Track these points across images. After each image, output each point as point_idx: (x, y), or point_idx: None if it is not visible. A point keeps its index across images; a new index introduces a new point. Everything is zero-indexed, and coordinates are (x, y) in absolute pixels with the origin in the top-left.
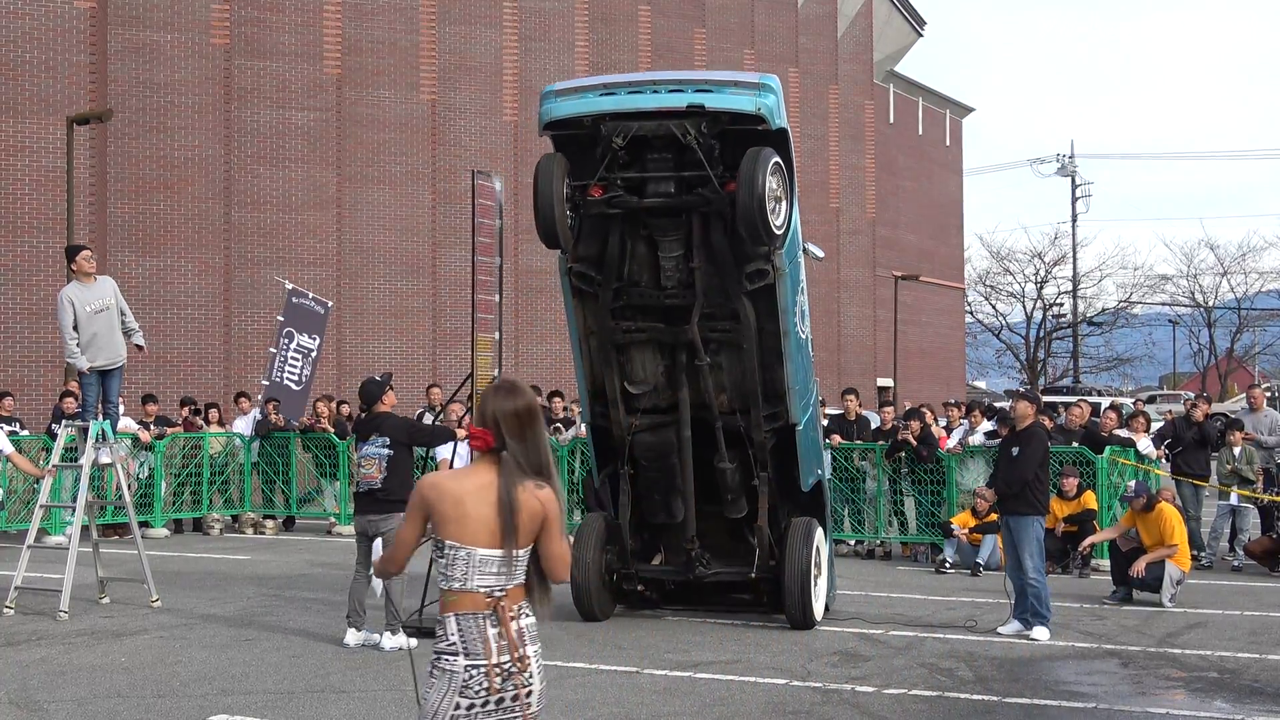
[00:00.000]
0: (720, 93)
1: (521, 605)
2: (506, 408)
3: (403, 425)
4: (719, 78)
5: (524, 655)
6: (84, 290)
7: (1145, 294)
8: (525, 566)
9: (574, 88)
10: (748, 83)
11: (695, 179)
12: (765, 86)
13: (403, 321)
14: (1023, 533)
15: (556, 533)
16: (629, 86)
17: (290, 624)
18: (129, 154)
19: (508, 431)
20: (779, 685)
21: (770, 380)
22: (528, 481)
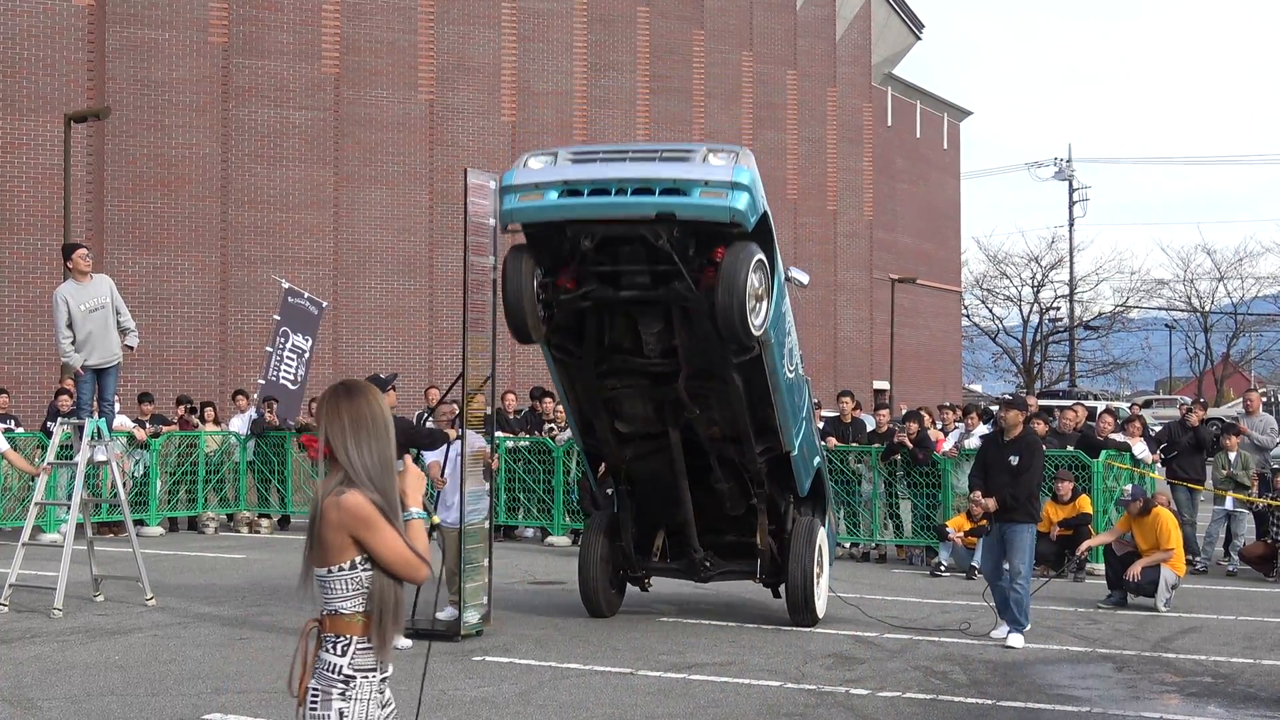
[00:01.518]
0: (691, 195)
1: (329, 637)
2: (334, 414)
3: (399, 427)
4: (688, 174)
5: (305, 687)
6: (79, 289)
7: (1142, 298)
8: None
9: (534, 183)
10: (720, 181)
11: (672, 272)
12: (737, 184)
13: (399, 321)
14: (1019, 540)
15: (377, 538)
16: (592, 184)
17: (285, 623)
18: (126, 152)
19: (338, 439)
20: (773, 687)
21: (761, 419)
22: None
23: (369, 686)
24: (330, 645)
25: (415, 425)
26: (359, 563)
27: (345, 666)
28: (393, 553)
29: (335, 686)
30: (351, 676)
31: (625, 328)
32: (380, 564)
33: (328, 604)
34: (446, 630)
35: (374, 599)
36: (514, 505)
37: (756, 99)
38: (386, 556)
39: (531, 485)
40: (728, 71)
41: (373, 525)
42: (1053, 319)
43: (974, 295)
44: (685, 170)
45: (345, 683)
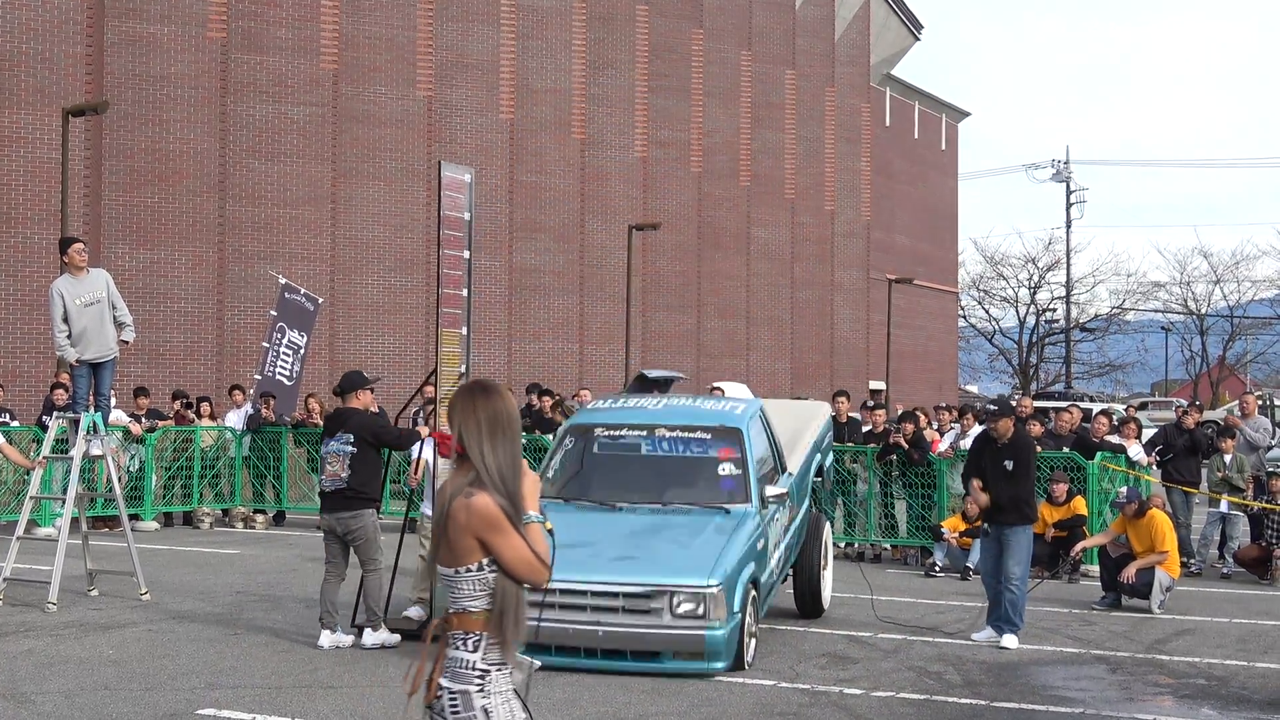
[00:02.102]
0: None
1: (458, 634)
2: (469, 414)
3: (369, 424)
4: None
5: (437, 685)
6: (75, 283)
7: (1138, 300)
8: (477, 590)
9: None
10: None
11: None
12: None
13: (396, 318)
14: (1015, 541)
15: (503, 541)
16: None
17: (279, 619)
18: (124, 146)
19: (472, 438)
20: (767, 686)
21: None
22: (471, 489)
23: (504, 680)
24: (461, 642)
25: (387, 424)
26: (486, 564)
27: (479, 662)
28: (517, 557)
29: (472, 683)
30: (486, 671)
31: None
32: (503, 567)
33: (455, 602)
34: (418, 628)
35: (496, 598)
36: None
37: (755, 98)
38: (510, 560)
39: None
40: (726, 71)
41: (499, 529)
42: (1049, 320)
43: (971, 296)
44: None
45: (481, 677)
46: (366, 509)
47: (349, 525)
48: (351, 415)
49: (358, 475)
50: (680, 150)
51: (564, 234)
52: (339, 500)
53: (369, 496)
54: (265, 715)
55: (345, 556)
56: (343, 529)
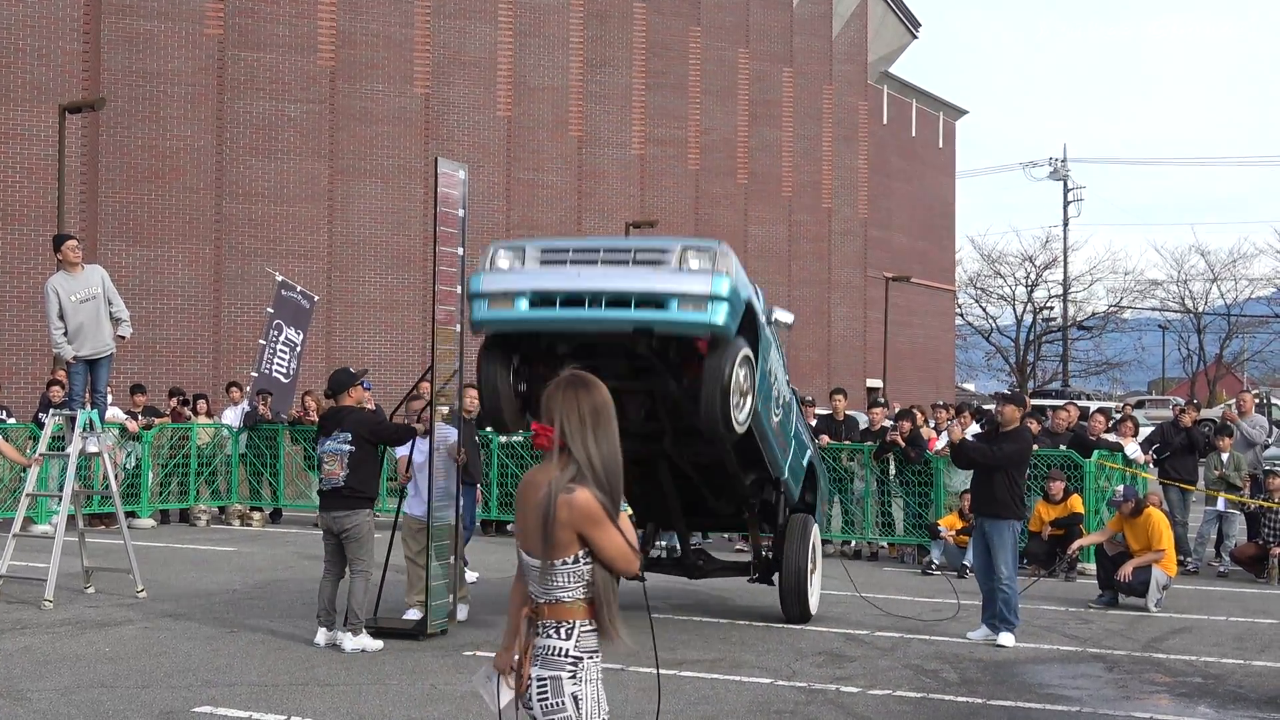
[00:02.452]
0: (668, 308)
1: (550, 623)
2: (571, 406)
3: (366, 421)
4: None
5: (527, 674)
6: (70, 280)
7: (1135, 299)
8: (571, 581)
9: (503, 291)
10: (697, 294)
11: (651, 366)
12: (715, 297)
13: (393, 315)
14: (999, 537)
15: (603, 536)
16: (564, 295)
17: (275, 616)
18: (121, 143)
19: (573, 431)
20: (764, 684)
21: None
22: (572, 484)
23: (595, 668)
24: (553, 630)
25: (384, 421)
26: (582, 557)
27: (572, 649)
28: (615, 549)
29: (564, 670)
30: (579, 658)
31: None
32: (601, 559)
33: (548, 592)
34: (413, 629)
35: (596, 587)
36: (506, 500)
37: (752, 96)
38: (609, 553)
39: None
40: (723, 68)
41: (600, 523)
42: (1046, 319)
43: (968, 294)
44: (661, 280)
45: (574, 664)
46: (363, 508)
47: (344, 524)
48: (348, 413)
49: (356, 474)
50: (678, 148)
51: (561, 231)
52: (336, 499)
53: (366, 496)
54: (261, 713)
55: (343, 555)
56: (338, 528)
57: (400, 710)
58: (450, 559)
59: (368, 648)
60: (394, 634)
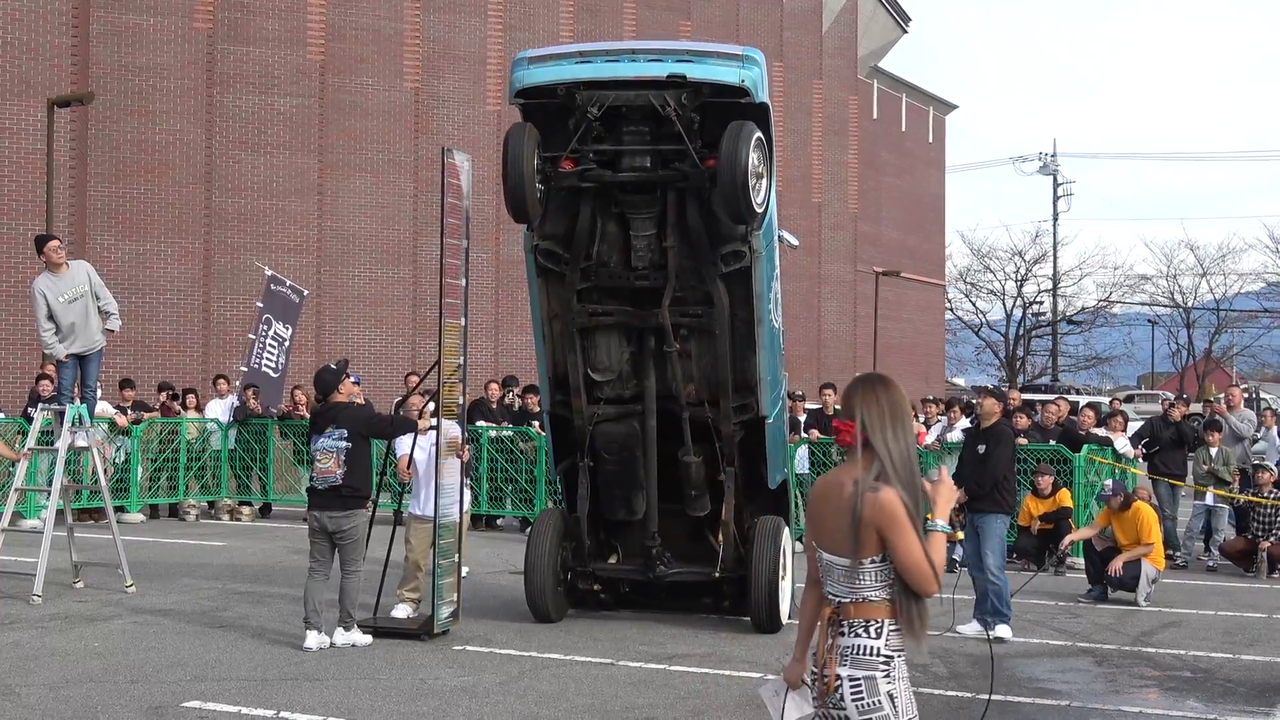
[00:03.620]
0: (703, 63)
1: (858, 622)
2: (873, 403)
3: (361, 416)
4: (701, 48)
5: (834, 675)
6: (56, 280)
7: (1125, 294)
8: (878, 581)
9: (548, 55)
10: (731, 54)
11: (672, 154)
12: (749, 59)
13: (383, 310)
14: (988, 531)
15: (901, 541)
16: (606, 55)
17: (264, 611)
18: (110, 138)
19: (876, 428)
20: (753, 679)
21: (741, 370)
22: (877, 483)
23: (904, 666)
24: (862, 630)
25: (379, 414)
26: (889, 556)
27: (883, 648)
28: (911, 559)
29: (878, 669)
30: (890, 657)
31: (616, 238)
32: (896, 564)
33: (855, 592)
34: (418, 629)
35: (899, 586)
36: (496, 495)
37: None
38: (904, 561)
39: (514, 475)
40: None
41: (900, 526)
42: (1036, 313)
43: (958, 289)
44: (698, 46)
45: (886, 663)
46: (361, 509)
47: (341, 525)
48: (341, 409)
49: (353, 472)
50: None
51: None
52: (333, 498)
53: (364, 495)
54: (250, 708)
55: (332, 555)
56: (334, 527)
57: (390, 705)
58: (455, 557)
59: (358, 643)
60: (397, 635)
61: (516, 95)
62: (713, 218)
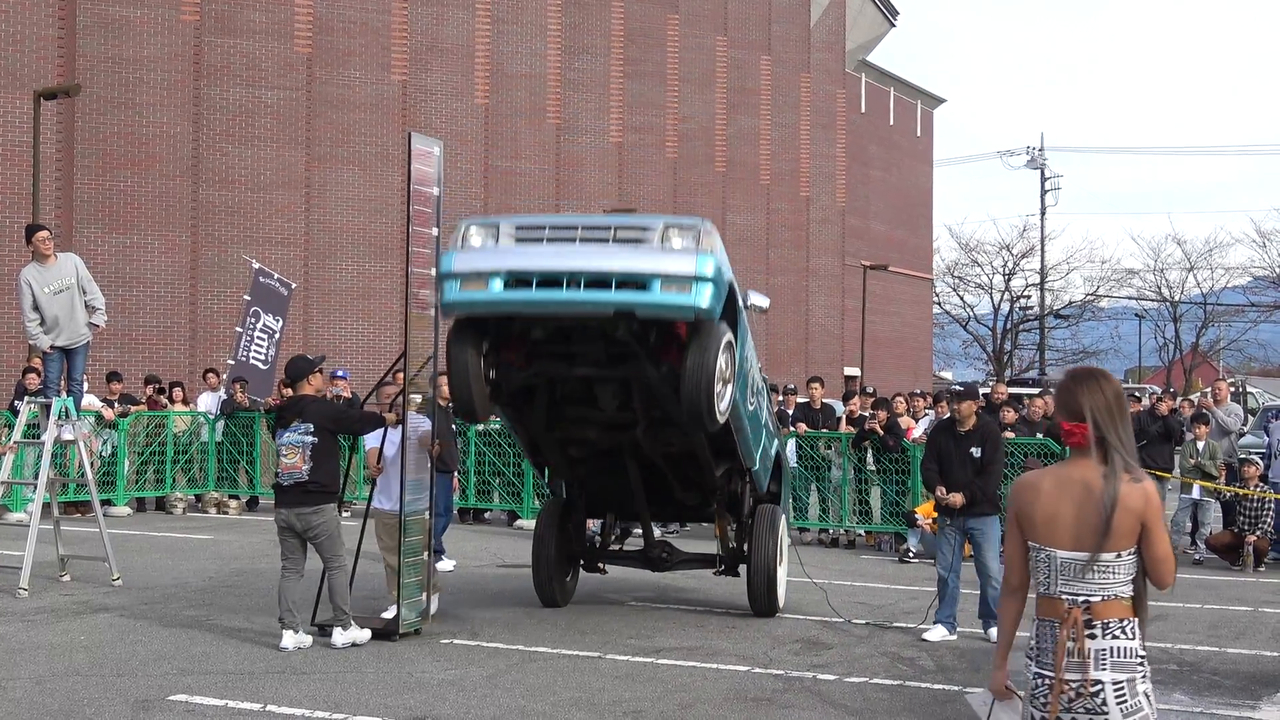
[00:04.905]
0: (651, 289)
1: (1112, 622)
2: (1099, 398)
3: (328, 411)
4: (647, 266)
5: (1095, 680)
6: (43, 271)
7: (1112, 287)
8: (1128, 575)
9: (476, 271)
10: (681, 275)
11: (628, 351)
12: (700, 278)
13: (370, 303)
14: (989, 534)
15: (1159, 531)
16: (541, 275)
17: (252, 605)
18: (96, 130)
19: (1107, 424)
20: (741, 672)
21: (722, 448)
22: (1126, 476)
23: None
24: (1119, 630)
25: (347, 408)
26: (1134, 550)
27: (1138, 648)
28: (1165, 548)
29: (1137, 670)
30: (1144, 656)
31: (579, 387)
32: (1149, 554)
33: (1104, 589)
34: (384, 627)
35: (1138, 581)
36: (484, 488)
37: (730, 84)
38: (1159, 551)
39: (501, 468)
40: (701, 56)
41: (1161, 517)
42: (1023, 307)
43: (945, 283)
44: (642, 260)
45: (1141, 663)
46: (329, 504)
47: (310, 521)
48: (308, 403)
49: (320, 468)
50: (655, 136)
51: None
52: (299, 495)
53: (331, 490)
54: (238, 701)
55: (304, 553)
56: (303, 525)
57: (377, 698)
58: (424, 555)
59: (358, 640)
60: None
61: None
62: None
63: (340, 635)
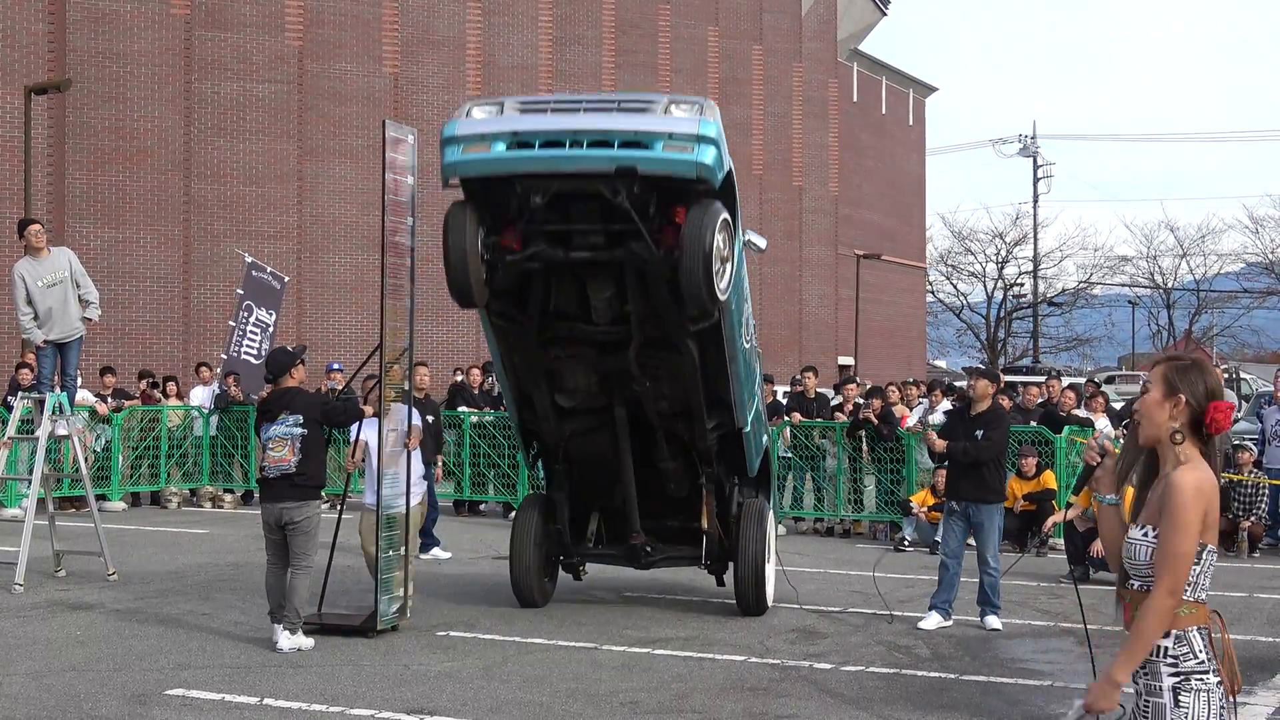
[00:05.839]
0: (654, 148)
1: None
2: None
3: (315, 402)
4: (651, 126)
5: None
6: (36, 265)
7: (1105, 275)
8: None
9: (479, 134)
10: (685, 134)
11: (628, 231)
12: (703, 138)
13: (363, 295)
14: (989, 521)
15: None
16: (544, 136)
17: (248, 598)
18: (88, 124)
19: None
20: (737, 662)
21: (715, 394)
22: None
23: None
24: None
25: (328, 401)
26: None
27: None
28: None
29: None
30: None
31: (573, 293)
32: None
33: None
34: (361, 625)
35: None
36: (479, 480)
37: (722, 74)
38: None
39: (496, 460)
40: (693, 46)
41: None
42: (1017, 295)
43: (939, 271)
44: (646, 122)
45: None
46: (314, 499)
47: (293, 516)
48: (295, 394)
49: (308, 461)
50: None
51: None
52: (286, 488)
53: (318, 485)
54: (234, 695)
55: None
56: (285, 519)
57: (374, 691)
58: (403, 550)
59: (302, 647)
60: (341, 630)
61: (448, 181)
62: (677, 287)
63: (287, 639)
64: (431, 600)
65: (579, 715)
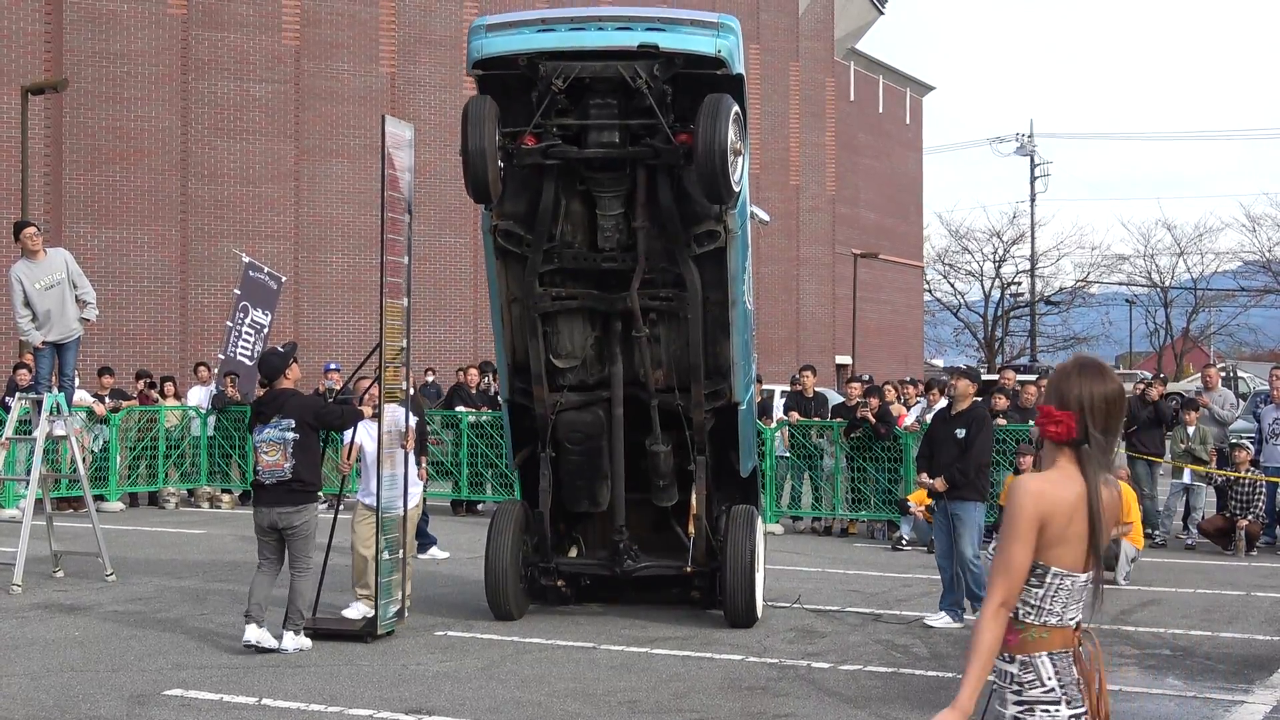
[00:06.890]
0: (676, 32)
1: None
2: (1097, 392)
3: (310, 405)
4: (672, 15)
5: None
6: (33, 267)
7: (1102, 273)
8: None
9: (509, 22)
10: (706, 22)
11: (642, 129)
12: (725, 27)
13: (360, 296)
14: (968, 519)
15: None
16: (571, 23)
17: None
18: (85, 125)
19: (1093, 422)
20: (735, 661)
21: (713, 355)
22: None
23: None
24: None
25: (326, 403)
26: None
27: None
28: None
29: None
30: None
31: (581, 218)
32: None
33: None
34: (360, 630)
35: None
36: (477, 480)
37: None
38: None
39: (494, 460)
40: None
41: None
42: (1014, 294)
43: (936, 270)
44: (671, 13)
45: None
46: (311, 504)
47: (291, 520)
48: (288, 397)
49: (302, 465)
50: None
51: None
52: (282, 493)
53: (314, 489)
54: (232, 695)
55: (282, 552)
56: (284, 524)
57: (372, 691)
58: (400, 553)
59: (304, 648)
60: (340, 636)
61: (475, 66)
62: (685, 197)
63: (290, 639)
64: (429, 600)
65: (577, 715)
